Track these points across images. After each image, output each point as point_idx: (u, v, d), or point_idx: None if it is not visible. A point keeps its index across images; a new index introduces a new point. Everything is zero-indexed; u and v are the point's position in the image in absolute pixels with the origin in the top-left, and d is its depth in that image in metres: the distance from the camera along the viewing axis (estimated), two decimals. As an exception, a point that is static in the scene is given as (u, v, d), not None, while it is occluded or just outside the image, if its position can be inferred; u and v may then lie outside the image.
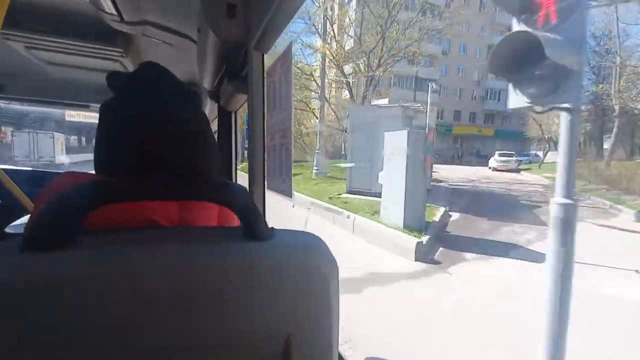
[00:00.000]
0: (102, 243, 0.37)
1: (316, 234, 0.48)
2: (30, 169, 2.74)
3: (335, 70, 17.31)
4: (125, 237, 0.40)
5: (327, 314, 0.43)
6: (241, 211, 0.42)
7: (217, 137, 1.63)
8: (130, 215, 0.43)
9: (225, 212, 0.55)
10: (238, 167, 1.77)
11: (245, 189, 0.44)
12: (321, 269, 0.43)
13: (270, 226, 0.45)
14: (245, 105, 1.08)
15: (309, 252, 0.44)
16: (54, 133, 13.95)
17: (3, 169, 1.67)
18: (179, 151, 0.51)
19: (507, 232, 6.16)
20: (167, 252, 0.37)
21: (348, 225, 6.09)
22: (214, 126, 1.73)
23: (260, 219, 0.43)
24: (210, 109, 1.73)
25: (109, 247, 0.37)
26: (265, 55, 0.83)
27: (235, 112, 1.57)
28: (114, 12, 1.00)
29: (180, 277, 0.36)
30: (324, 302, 0.43)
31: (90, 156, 0.58)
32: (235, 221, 0.59)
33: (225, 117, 1.60)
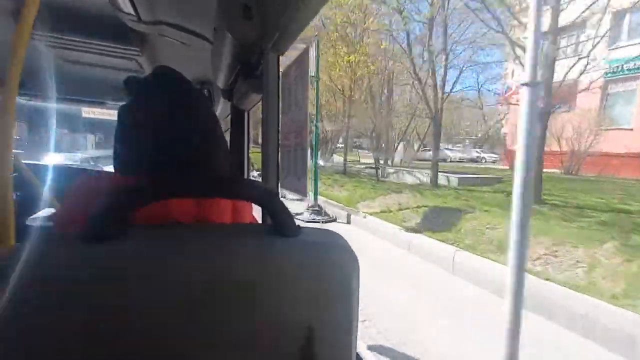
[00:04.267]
0: (149, 235, 0.41)
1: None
2: (47, 163, 2.82)
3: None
4: (167, 232, 0.43)
5: (347, 305, 0.45)
6: (271, 209, 0.44)
7: (230, 135, 1.65)
8: (155, 213, 0.45)
9: (239, 208, 0.59)
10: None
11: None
12: (343, 265, 0.45)
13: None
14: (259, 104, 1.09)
15: (333, 249, 0.46)
16: (87, 134, 16.92)
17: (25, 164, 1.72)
18: (192, 151, 0.54)
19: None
20: (201, 247, 0.40)
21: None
22: (227, 124, 1.75)
23: (289, 217, 0.45)
24: (223, 107, 1.75)
25: (158, 239, 0.40)
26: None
27: (248, 111, 1.58)
28: (132, 11, 1.02)
29: (214, 271, 0.39)
30: (345, 295, 0.45)
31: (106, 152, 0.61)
32: (248, 217, 0.62)
33: (238, 115, 1.61)
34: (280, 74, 0.83)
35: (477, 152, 26.66)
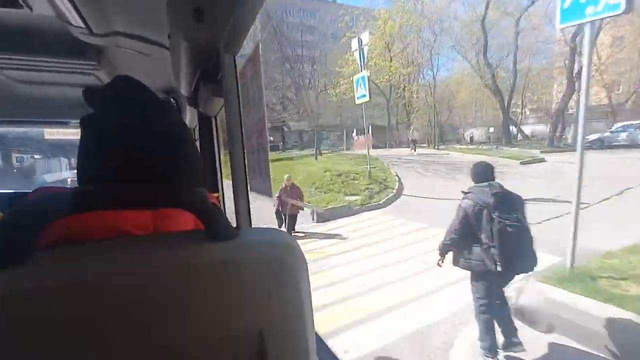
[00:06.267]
0: (61, 256, 0.37)
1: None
2: (11, 190, 2.68)
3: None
4: (86, 248, 0.39)
5: (299, 306, 0.44)
6: (200, 213, 0.42)
7: (200, 143, 1.62)
8: (99, 225, 0.43)
9: None
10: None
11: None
12: (289, 263, 0.43)
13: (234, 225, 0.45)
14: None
15: (276, 247, 0.44)
16: (61, 157, 16.74)
17: None
18: (158, 161, 0.52)
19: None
20: (126, 261, 0.37)
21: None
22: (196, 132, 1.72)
23: (221, 219, 0.43)
24: (190, 115, 1.71)
25: (66, 261, 0.36)
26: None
27: (216, 117, 1.56)
28: (82, 25, 0.98)
29: (143, 285, 0.36)
30: (295, 295, 0.43)
31: None
32: None
33: (205, 122, 1.59)
34: (238, 74, 0.82)
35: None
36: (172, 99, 1.73)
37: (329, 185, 10.33)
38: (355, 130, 24.77)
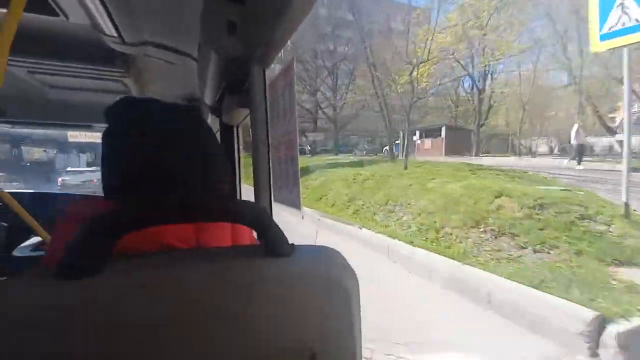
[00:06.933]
0: (129, 269, 0.38)
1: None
2: (34, 191, 2.76)
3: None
4: (149, 261, 0.41)
5: (350, 325, 0.44)
6: (262, 230, 0.43)
7: None
8: (144, 239, 0.43)
9: (239, 230, 0.57)
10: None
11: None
12: (342, 281, 0.43)
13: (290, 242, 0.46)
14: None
15: (330, 265, 0.44)
16: (80, 154, 18.41)
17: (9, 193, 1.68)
18: (190, 171, 0.53)
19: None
20: (192, 274, 0.38)
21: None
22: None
23: (281, 236, 0.43)
24: (211, 123, 1.74)
25: (136, 272, 0.38)
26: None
27: (237, 127, 1.58)
28: (115, 34, 1.01)
29: (204, 298, 0.37)
30: (347, 314, 0.43)
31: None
32: (248, 239, 0.60)
33: (227, 131, 1.61)
34: (267, 86, 0.83)
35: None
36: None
37: (539, 234, 3.68)
38: (418, 133, 20.41)
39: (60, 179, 12.76)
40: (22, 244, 1.90)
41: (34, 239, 1.91)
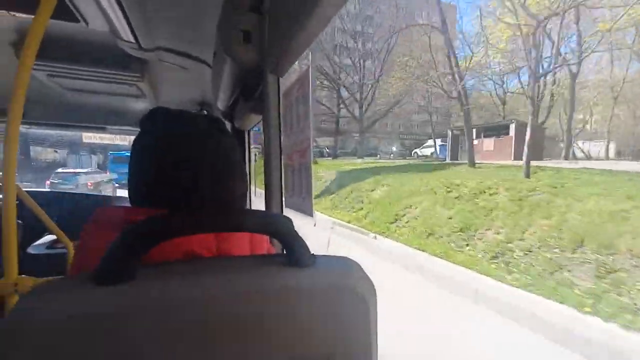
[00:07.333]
0: (158, 276, 0.40)
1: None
2: (49, 190, 2.82)
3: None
4: (178, 268, 0.42)
5: (367, 335, 0.45)
6: (286, 239, 0.44)
7: None
8: (173, 246, 0.45)
9: (256, 239, 0.58)
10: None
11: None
12: (360, 292, 0.44)
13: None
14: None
15: (349, 276, 0.45)
16: (92, 155, 20.48)
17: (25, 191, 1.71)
18: (217, 180, 0.55)
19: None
20: (217, 283, 0.40)
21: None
22: None
23: (304, 247, 0.44)
24: None
25: (165, 280, 0.39)
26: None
27: (249, 131, 1.59)
28: (132, 39, 1.04)
29: (229, 306, 0.39)
30: (364, 323, 0.44)
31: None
32: (265, 247, 0.61)
33: (238, 136, 1.62)
34: (282, 94, 0.83)
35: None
36: (205, 112, 1.79)
37: None
38: (474, 131, 14.20)
39: (48, 182, 11.53)
40: (36, 242, 1.94)
41: (48, 237, 1.95)
